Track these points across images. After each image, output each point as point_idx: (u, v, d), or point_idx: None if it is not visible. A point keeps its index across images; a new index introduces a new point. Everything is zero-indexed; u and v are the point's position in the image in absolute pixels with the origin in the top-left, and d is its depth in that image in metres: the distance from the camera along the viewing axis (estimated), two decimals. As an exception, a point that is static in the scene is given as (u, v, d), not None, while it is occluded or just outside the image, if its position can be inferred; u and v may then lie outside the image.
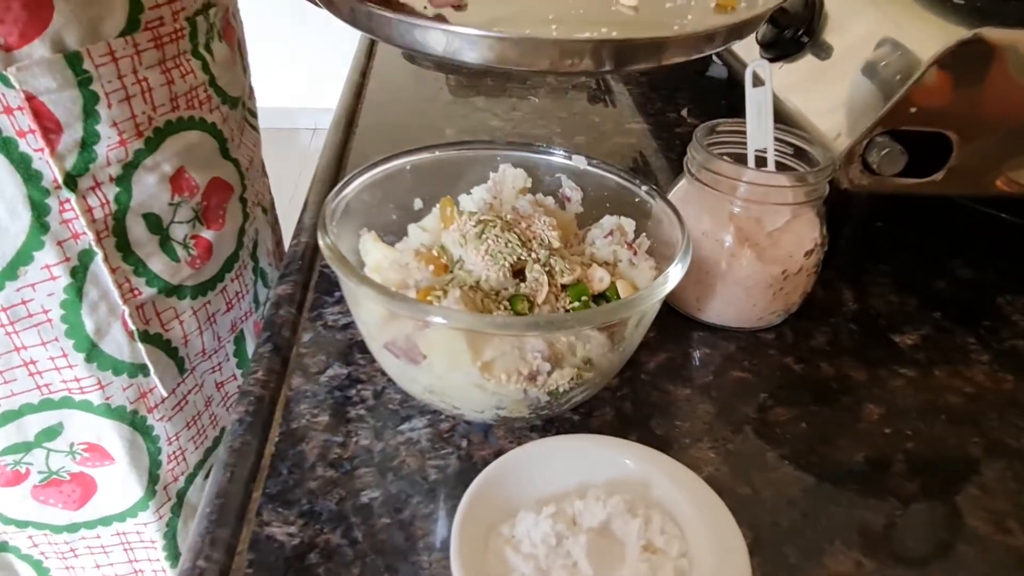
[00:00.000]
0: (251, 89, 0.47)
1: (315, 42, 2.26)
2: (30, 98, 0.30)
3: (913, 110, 0.40)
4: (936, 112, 0.40)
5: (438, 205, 0.37)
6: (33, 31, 0.29)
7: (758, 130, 0.39)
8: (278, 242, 0.53)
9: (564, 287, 0.33)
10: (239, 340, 0.46)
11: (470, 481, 0.28)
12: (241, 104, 0.43)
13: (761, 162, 0.40)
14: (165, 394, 0.41)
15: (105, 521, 0.44)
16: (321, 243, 0.30)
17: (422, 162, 0.38)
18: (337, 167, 0.54)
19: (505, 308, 0.31)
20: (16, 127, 0.30)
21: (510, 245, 0.32)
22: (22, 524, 0.43)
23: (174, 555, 0.46)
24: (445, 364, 0.29)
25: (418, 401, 0.34)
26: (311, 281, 0.42)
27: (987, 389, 0.39)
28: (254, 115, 0.47)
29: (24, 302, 0.34)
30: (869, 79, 0.42)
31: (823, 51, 0.48)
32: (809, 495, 0.32)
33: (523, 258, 0.32)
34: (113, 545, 0.45)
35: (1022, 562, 0.30)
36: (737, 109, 0.40)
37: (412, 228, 0.36)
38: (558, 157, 0.39)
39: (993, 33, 0.38)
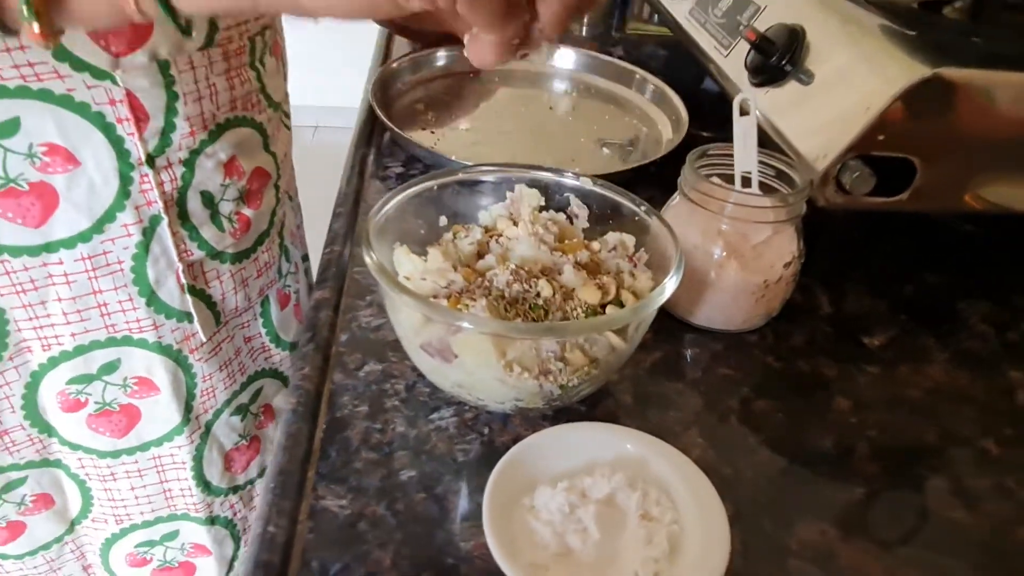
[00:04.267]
0: (287, 94, 0.53)
1: (317, 41, 2.29)
2: (129, 93, 0.38)
3: (881, 137, 0.45)
4: (901, 140, 0.45)
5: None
6: (136, 44, 0.37)
7: (744, 155, 0.44)
8: (299, 225, 0.62)
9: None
10: (264, 303, 0.54)
11: (492, 463, 0.33)
12: (279, 107, 0.49)
13: (746, 183, 0.45)
14: (204, 339, 0.49)
15: (144, 447, 0.51)
16: (367, 259, 0.35)
17: (447, 183, 0.43)
18: (358, 188, 0.59)
19: (524, 315, 0.36)
20: (116, 115, 0.39)
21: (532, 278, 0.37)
22: (75, 447, 0.49)
23: (200, 476, 0.54)
24: (474, 362, 0.34)
25: (445, 393, 0.39)
26: (344, 286, 0.47)
27: (943, 384, 0.44)
28: (288, 116, 0.53)
29: (105, 253, 0.42)
30: (843, 107, 0.47)
31: (805, 78, 0.53)
32: (783, 475, 0.38)
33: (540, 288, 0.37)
34: (148, 468, 0.52)
35: (962, 532, 0.36)
36: (726, 120, 0.45)
37: (432, 251, 0.41)
38: (567, 178, 0.44)
39: (950, 72, 0.43)
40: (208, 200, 0.45)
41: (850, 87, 0.48)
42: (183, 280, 0.45)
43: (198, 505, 0.54)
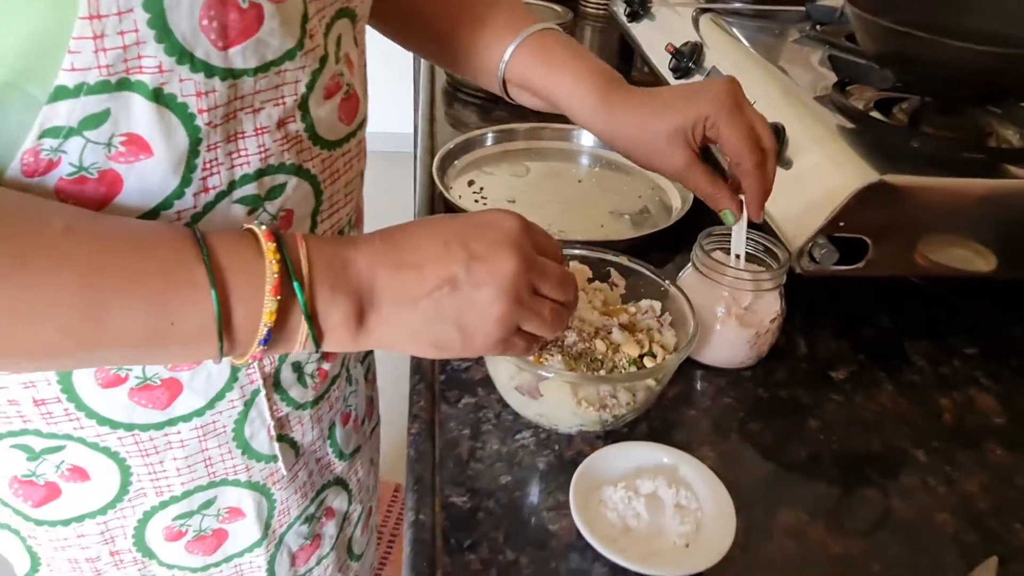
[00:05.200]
0: None
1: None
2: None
3: (841, 223, 0.60)
4: (856, 225, 0.60)
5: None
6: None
7: (737, 240, 0.59)
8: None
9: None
10: (332, 428, 0.60)
11: (564, 470, 0.48)
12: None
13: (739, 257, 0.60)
14: (285, 473, 0.55)
15: (228, 559, 0.57)
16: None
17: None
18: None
19: (588, 366, 0.51)
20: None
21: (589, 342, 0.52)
22: (171, 567, 0.55)
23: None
24: (554, 400, 0.49)
25: (524, 420, 0.54)
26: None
27: (888, 409, 0.59)
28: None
29: (213, 422, 0.50)
30: (813, 198, 0.62)
31: (786, 167, 0.68)
32: (771, 477, 0.52)
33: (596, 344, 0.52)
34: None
35: (897, 517, 0.50)
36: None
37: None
38: (609, 256, 0.59)
39: (892, 178, 0.58)
40: (297, 367, 0.52)
41: (819, 182, 0.63)
42: (272, 432, 0.53)
43: None
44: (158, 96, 0.37)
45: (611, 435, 0.54)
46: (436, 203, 0.80)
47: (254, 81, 0.40)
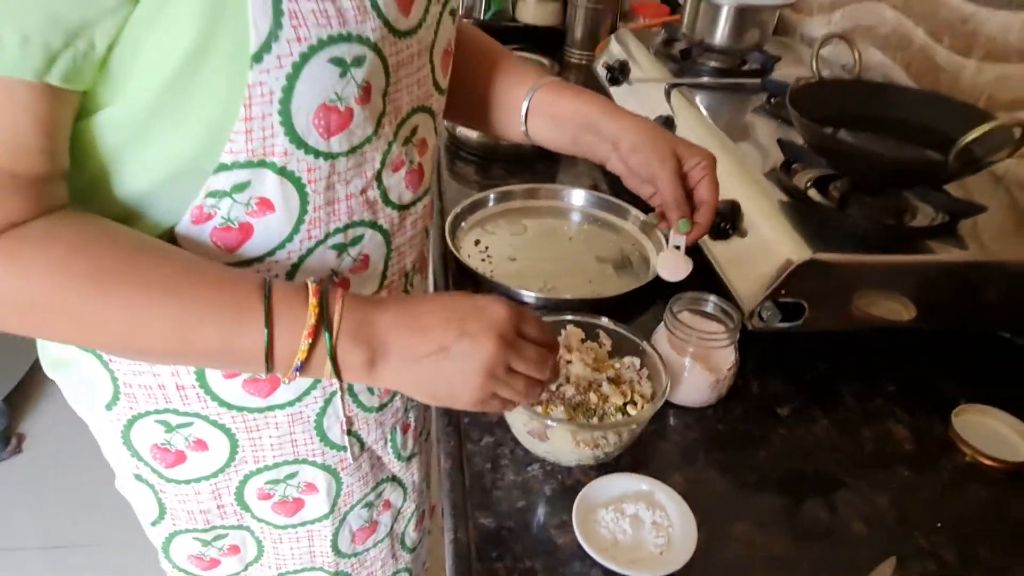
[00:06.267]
0: None
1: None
2: None
3: (783, 291, 0.75)
4: (795, 292, 0.75)
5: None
6: None
7: (676, 238, 0.74)
8: None
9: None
10: (393, 432, 0.73)
11: (566, 495, 0.62)
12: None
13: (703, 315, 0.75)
14: (351, 462, 0.69)
15: (303, 524, 0.71)
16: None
17: (527, 327, 0.72)
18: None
19: (584, 414, 0.65)
20: None
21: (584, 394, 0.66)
22: (260, 521, 0.71)
23: (335, 546, 0.74)
24: (558, 441, 0.63)
25: (534, 455, 0.68)
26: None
27: (823, 440, 0.74)
28: None
29: (300, 412, 0.64)
30: (761, 270, 0.77)
31: (741, 237, 0.83)
32: (728, 496, 0.67)
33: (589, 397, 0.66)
34: (303, 536, 0.72)
35: (825, 525, 0.65)
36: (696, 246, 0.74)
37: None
38: (599, 320, 0.73)
39: (823, 255, 0.73)
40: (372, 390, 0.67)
41: (765, 254, 0.78)
42: (344, 427, 0.67)
43: (329, 562, 0.76)
44: (282, 171, 0.52)
45: (602, 467, 0.68)
46: (447, 259, 0.94)
47: (345, 160, 0.55)
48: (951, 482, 0.70)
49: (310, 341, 0.51)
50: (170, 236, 0.54)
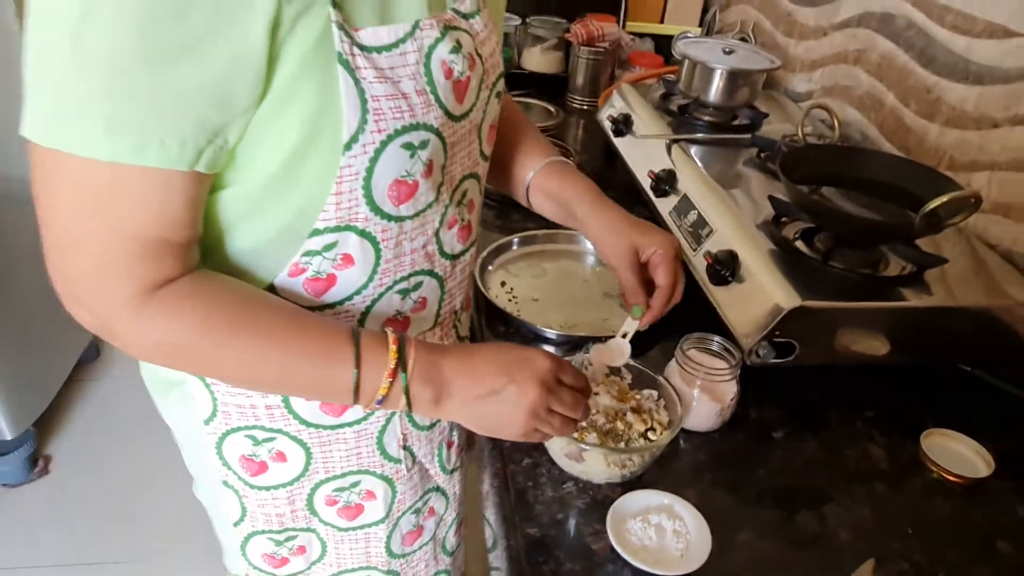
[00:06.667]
0: None
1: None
2: None
3: (777, 332, 0.87)
4: (787, 333, 0.87)
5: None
6: None
7: (630, 324, 0.85)
8: None
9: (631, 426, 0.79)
10: (440, 449, 0.84)
11: (597, 509, 0.73)
12: None
13: (709, 353, 0.87)
14: (405, 473, 0.81)
15: (362, 527, 0.84)
16: (541, 415, 0.76)
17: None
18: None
19: (613, 439, 0.77)
20: None
21: (612, 422, 0.78)
22: (326, 524, 0.82)
23: (388, 548, 0.85)
24: (591, 463, 0.75)
25: (568, 474, 0.80)
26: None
27: (812, 459, 0.86)
28: None
29: (365, 429, 0.76)
30: (757, 314, 0.89)
31: (739, 284, 0.96)
32: (733, 508, 0.79)
33: (617, 424, 0.78)
34: (360, 538, 0.82)
35: (815, 532, 0.77)
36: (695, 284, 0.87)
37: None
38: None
39: (810, 303, 0.86)
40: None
41: (760, 300, 0.90)
42: (400, 443, 0.77)
43: (383, 561, 0.86)
44: (362, 233, 0.64)
45: (628, 484, 0.80)
46: (479, 300, 1.05)
47: (411, 222, 0.67)
48: (920, 495, 0.83)
49: (390, 380, 0.63)
50: (271, 286, 0.65)
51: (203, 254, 0.63)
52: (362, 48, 0.57)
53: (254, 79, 0.53)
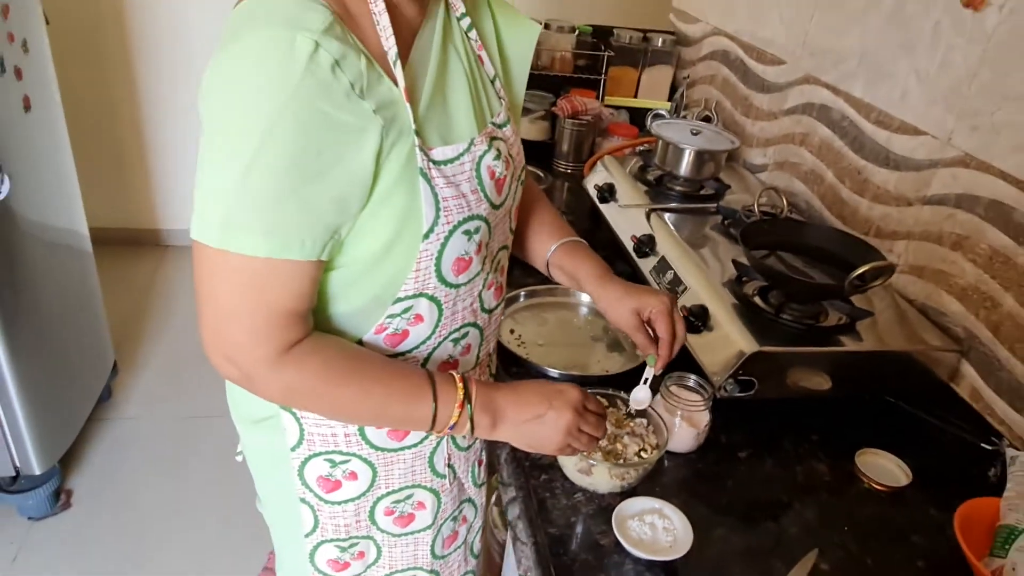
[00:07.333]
0: None
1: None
2: None
3: (740, 371, 1.09)
4: (749, 372, 1.09)
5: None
6: None
7: (648, 373, 1.07)
8: None
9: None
10: (473, 468, 1.05)
11: (603, 513, 0.93)
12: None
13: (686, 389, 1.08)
14: (448, 485, 1.01)
15: (412, 533, 1.01)
16: (558, 438, 0.96)
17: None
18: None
19: (615, 458, 0.97)
20: None
21: (614, 443, 0.99)
22: (383, 531, 1.00)
23: (432, 551, 1.04)
24: (598, 476, 0.95)
25: (578, 486, 0.99)
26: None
27: (770, 475, 1.07)
28: None
29: (421, 451, 0.97)
30: (725, 356, 1.11)
31: (709, 332, 1.18)
32: (708, 514, 0.99)
33: (616, 445, 0.99)
34: (410, 543, 0.98)
35: (791, 539, 0.98)
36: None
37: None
38: (618, 393, 1.06)
39: (766, 348, 1.08)
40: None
41: (726, 345, 1.12)
42: (446, 461, 0.95)
43: (427, 563, 1.03)
44: (431, 298, 0.83)
45: (626, 493, 1.00)
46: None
47: (464, 288, 0.87)
48: (855, 501, 1.04)
49: (459, 411, 0.82)
50: (360, 340, 0.85)
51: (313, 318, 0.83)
52: (435, 163, 0.78)
53: (363, 191, 0.73)
